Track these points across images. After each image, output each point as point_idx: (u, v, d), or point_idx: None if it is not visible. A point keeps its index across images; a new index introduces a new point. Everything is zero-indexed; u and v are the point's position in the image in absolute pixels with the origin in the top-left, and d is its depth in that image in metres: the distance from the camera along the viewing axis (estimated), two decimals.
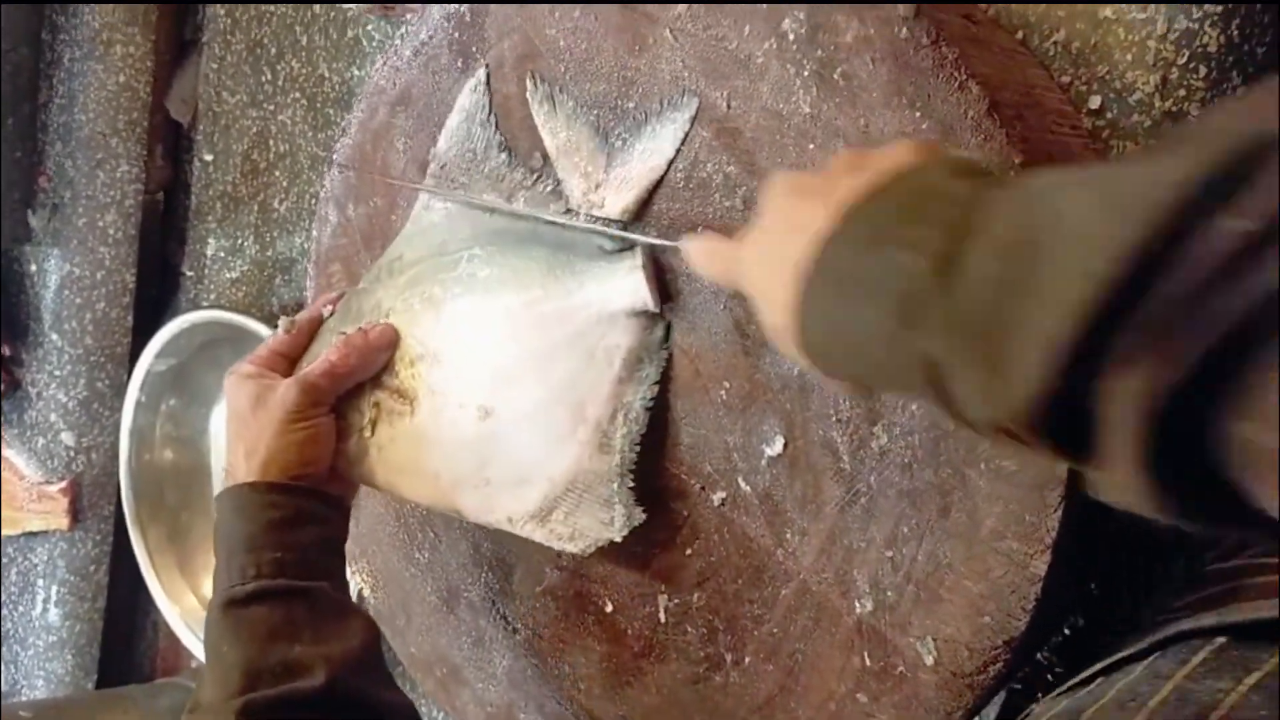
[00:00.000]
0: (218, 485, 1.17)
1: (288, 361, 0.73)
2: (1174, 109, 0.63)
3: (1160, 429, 0.29)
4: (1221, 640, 0.45)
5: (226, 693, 0.60)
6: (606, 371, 0.65)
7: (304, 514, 0.67)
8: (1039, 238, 0.32)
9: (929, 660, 0.58)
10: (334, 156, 0.80)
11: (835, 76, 0.57)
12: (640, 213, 0.66)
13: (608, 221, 0.66)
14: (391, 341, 0.70)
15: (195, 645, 1.12)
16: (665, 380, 0.67)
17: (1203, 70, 0.62)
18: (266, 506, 0.65)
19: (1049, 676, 0.87)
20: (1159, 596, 0.68)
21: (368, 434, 0.70)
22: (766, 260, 0.45)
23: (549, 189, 0.69)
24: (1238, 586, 0.57)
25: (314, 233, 0.82)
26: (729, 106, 0.62)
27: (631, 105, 0.66)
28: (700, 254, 0.55)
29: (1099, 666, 0.53)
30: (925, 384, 0.36)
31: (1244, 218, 0.28)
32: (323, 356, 0.70)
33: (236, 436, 0.69)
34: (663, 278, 0.65)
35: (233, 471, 0.68)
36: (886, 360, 0.38)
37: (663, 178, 0.65)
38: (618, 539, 0.66)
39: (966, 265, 0.34)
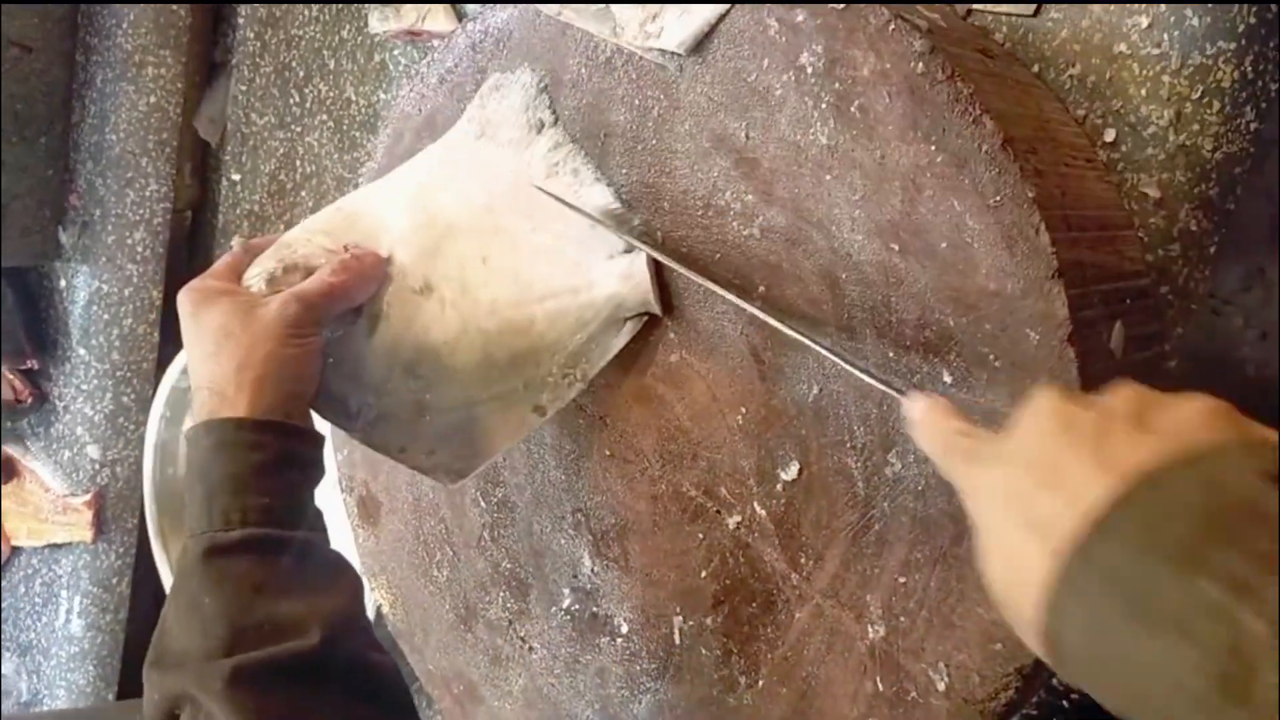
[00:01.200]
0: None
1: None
2: (1188, 143, 0.64)
3: None
4: None
5: (208, 649, 0.55)
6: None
7: (293, 457, 0.61)
8: None
9: (941, 686, 0.59)
10: (360, 180, 0.81)
11: (852, 109, 0.58)
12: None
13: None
14: (381, 275, 0.66)
15: None
16: (680, 403, 0.68)
17: (1216, 105, 0.63)
18: (254, 446, 0.59)
19: (1064, 703, 0.87)
20: None
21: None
22: (1014, 504, 0.38)
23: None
24: None
25: None
26: (747, 137, 0.63)
27: None
28: (931, 427, 0.48)
29: None
30: None
31: None
32: (319, 275, 0.65)
33: (220, 351, 0.61)
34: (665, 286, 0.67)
35: (219, 391, 0.61)
36: (1186, 712, 0.31)
37: (728, 11, 0.63)
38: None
39: None
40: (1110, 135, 0.66)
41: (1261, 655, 0.29)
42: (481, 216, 0.69)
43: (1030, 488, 0.37)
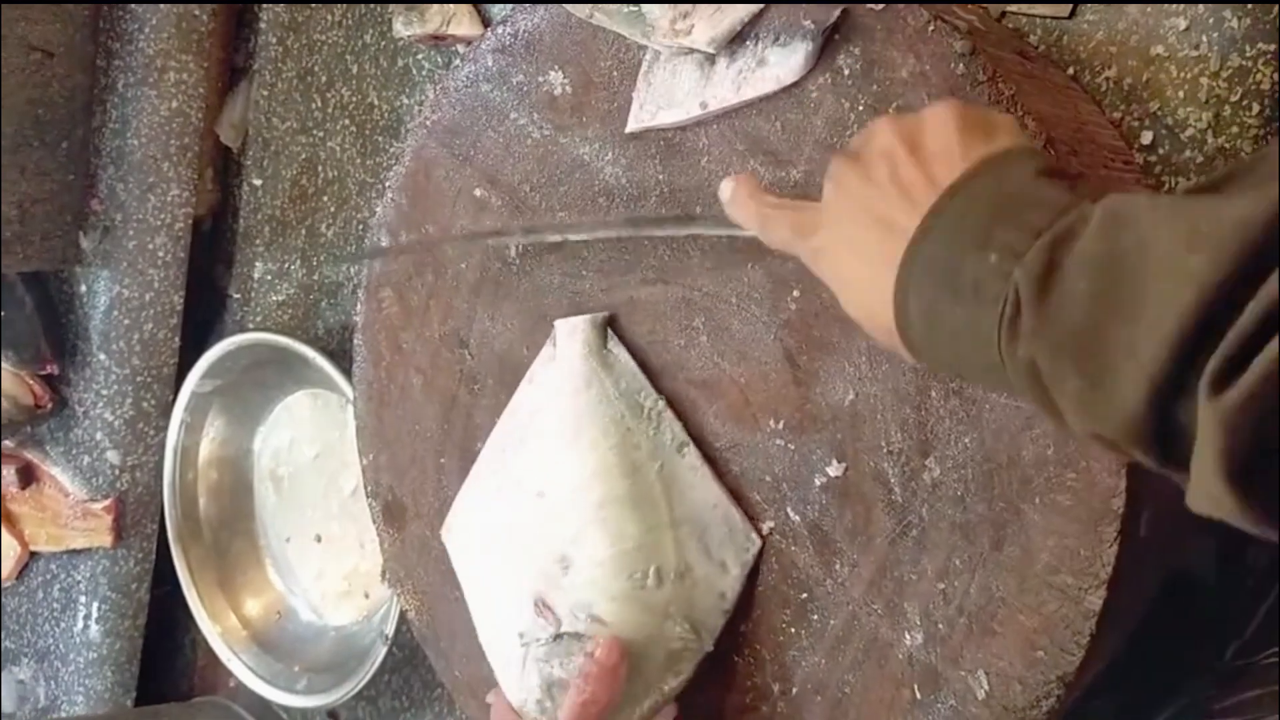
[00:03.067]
0: (260, 504, 1.18)
1: None
2: (1226, 145, 0.64)
3: (1244, 445, 0.31)
4: None
5: None
6: None
7: None
8: (1127, 261, 0.35)
9: (980, 694, 0.58)
10: (387, 185, 0.81)
11: (890, 112, 0.58)
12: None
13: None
14: (622, 663, 0.65)
15: (235, 665, 1.13)
16: (713, 408, 0.67)
17: (1256, 107, 0.63)
18: None
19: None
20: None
21: None
22: (850, 248, 0.48)
23: None
24: (1269, 695, 0.60)
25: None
26: (782, 140, 0.63)
27: None
28: (745, 204, 0.57)
29: None
30: (1027, 386, 0.39)
31: None
32: (569, 702, 0.65)
33: None
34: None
35: None
36: (989, 360, 0.40)
37: (762, 11, 0.63)
38: None
39: (1063, 277, 0.37)
40: (1147, 138, 0.65)
41: (1026, 300, 0.37)
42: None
43: (861, 227, 0.47)
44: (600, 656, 0.64)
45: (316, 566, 1.15)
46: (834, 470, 0.63)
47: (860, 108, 0.59)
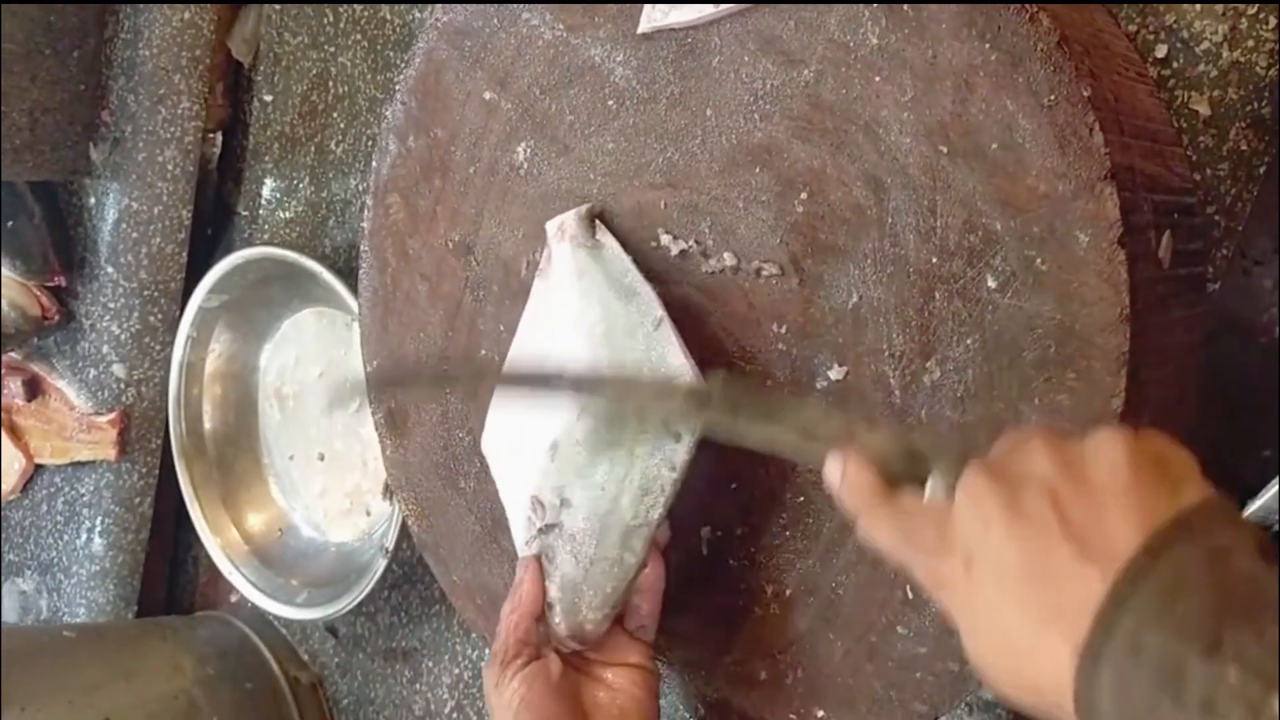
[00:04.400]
0: (264, 421, 1.19)
1: None
2: (1241, 59, 0.63)
3: None
4: None
5: None
6: None
7: None
8: None
9: None
10: (396, 87, 0.81)
11: (904, 8, 0.58)
12: None
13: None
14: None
15: (235, 578, 1.14)
16: (718, 313, 0.67)
17: (1273, 21, 0.62)
18: None
19: None
20: None
21: None
22: (998, 590, 0.41)
23: None
24: None
25: (374, 163, 0.83)
26: (795, 39, 0.62)
27: None
28: (858, 496, 0.50)
29: None
30: None
31: None
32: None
33: None
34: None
35: None
36: None
37: None
38: None
39: None
40: (1162, 51, 0.65)
41: None
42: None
43: (1017, 579, 0.40)
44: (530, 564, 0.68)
45: (319, 484, 1.16)
46: (835, 374, 0.63)
47: (874, 4, 0.59)
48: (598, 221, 0.71)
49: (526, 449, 0.71)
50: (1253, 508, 0.56)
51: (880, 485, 0.49)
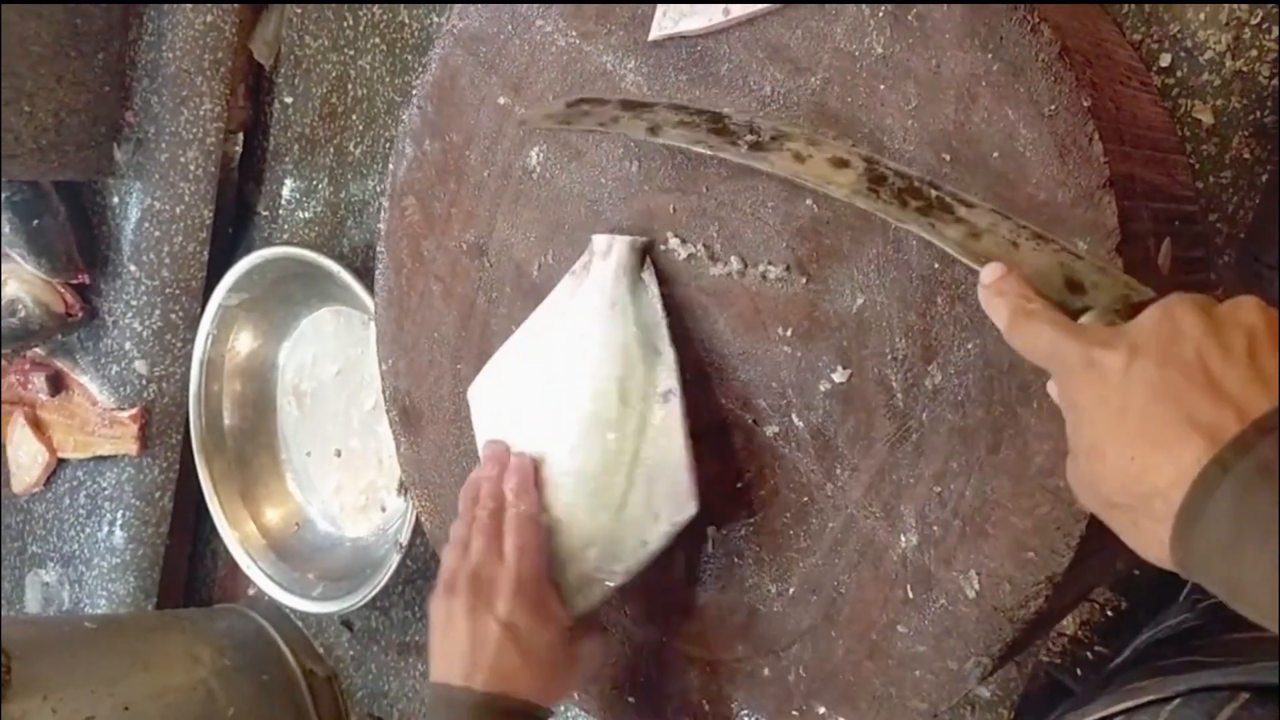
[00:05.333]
0: (283, 418, 1.21)
1: None
2: (1245, 69, 0.64)
3: None
4: (1245, 697, 0.47)
5: None
6: None
7: None
8: None
9: (971, 593, 0.60)
10: (413, 92, 0.82)
11: (910, 18, 0.59)
12: None
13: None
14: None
15: (253, 571, 1.16)
16: (724, 316, 0.69)
17: (1276, 31, 0.63)
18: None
19: (1088, 655, 0.87)
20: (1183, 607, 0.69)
21: None
22: (1170, 400, 0.43)
23: None
24: (1262, 638, 0.59)
25: (390, 166, 0.84)
26: (803, 48, 0.63)
27: None
28: (1016, 303, 0.50)
29: (1122, 707, 0.55)
30: None
31: None
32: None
33: None
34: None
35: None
36: None
37: None
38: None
39: None
40: (1166, 60, 0.66)
41: None
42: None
43: (1188, 385, 0.42)
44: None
45: (335, 480, 1.18)
46: (839, 376, 0.64)
47: (880, 14, 0.60)
48: (648, 259, 0.71)
49: (511, 417, 0.74)
50: None
51: (1037, 295, 0.50)
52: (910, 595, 0.62)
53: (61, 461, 1.31)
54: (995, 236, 0.53)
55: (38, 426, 1.31)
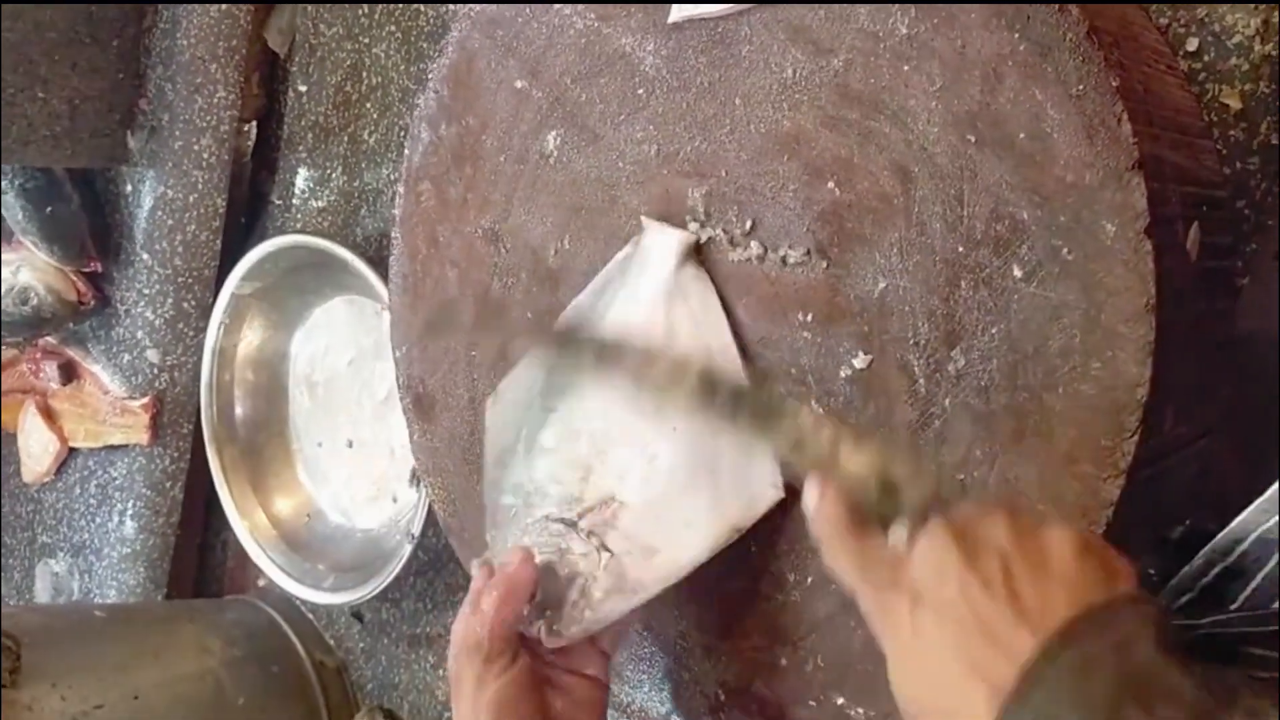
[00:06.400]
0: (294, 408, 1.21)
1: None
2: (1273, 53, 0.63)
3: None
4: None
5: None
6: None
7: None
8: None
9: None
10: (429, 76, 0.82)
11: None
12: None
13: None
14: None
15: (263, 562, 1.15)
16: (743, 301, 0.68)
17: None
18: None
19: None
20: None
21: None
22: (937, 632, 0.46)
23: None
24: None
25: (406, 151, 0.84)
26: (825, 29, 0.62)
27: None
28: (826, 525, 0.53)
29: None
30: None
31: None
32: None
33: None
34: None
35: None
36: None
37: None
38: None
39: None
40: (1193, 44, 0.65)
41: None
42: None
43: (957, 627, 0.45)
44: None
45: (347, 470, 1.17)
46: (860, 362, 0.63)
47: None
48: (703, 269, 0.69)
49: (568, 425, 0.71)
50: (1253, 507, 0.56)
51: (849, 521, 0.52)
52: None
53: (72, 451, 1.31)
54: (817, 444, 0.55)
55: (49, 415, 1.31)
